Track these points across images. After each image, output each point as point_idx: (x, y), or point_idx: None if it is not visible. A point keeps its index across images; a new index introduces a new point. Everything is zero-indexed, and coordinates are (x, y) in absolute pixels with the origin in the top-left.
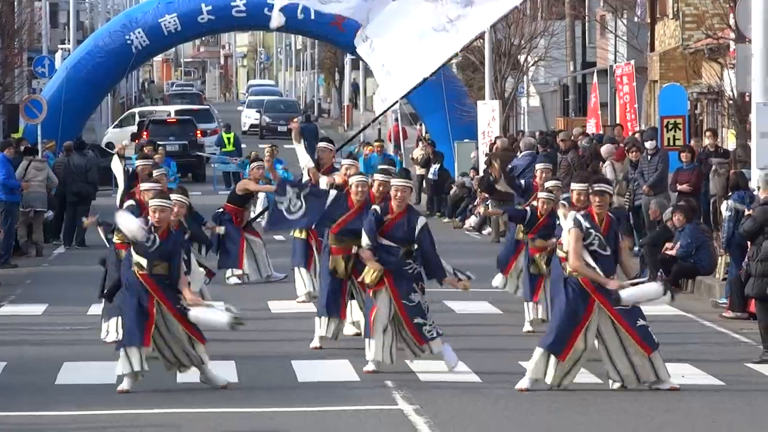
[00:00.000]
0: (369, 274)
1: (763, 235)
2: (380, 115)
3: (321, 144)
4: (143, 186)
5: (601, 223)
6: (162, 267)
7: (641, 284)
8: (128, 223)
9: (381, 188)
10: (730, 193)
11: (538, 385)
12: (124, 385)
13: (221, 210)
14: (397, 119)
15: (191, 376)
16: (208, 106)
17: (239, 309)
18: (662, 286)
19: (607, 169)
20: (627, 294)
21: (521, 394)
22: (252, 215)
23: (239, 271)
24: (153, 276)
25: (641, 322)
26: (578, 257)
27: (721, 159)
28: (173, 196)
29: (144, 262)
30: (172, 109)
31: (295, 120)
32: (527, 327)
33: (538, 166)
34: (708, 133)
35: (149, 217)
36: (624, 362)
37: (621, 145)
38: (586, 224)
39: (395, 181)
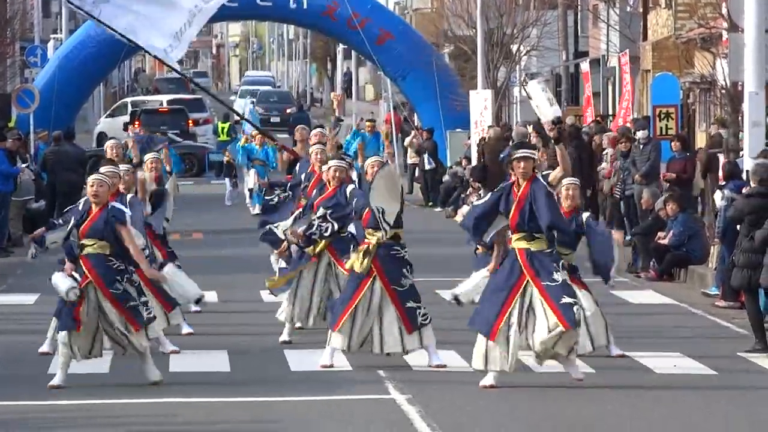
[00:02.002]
0: (358, 261)
1: (746, 226)
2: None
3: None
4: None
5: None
6: (97, 246)
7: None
8: (59, 284)
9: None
10: (723, 183)
11: (500, 377)
12: (56, 380)
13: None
14: (396, 107)
15: (184, 365)
16: (200, 96)
17: (232, 299)
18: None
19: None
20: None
21: (513, 384)
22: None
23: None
24: (87, 255)
25: (566, 299)
26: None
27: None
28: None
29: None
30: (164, 98)
31: (283, 155)
32: None
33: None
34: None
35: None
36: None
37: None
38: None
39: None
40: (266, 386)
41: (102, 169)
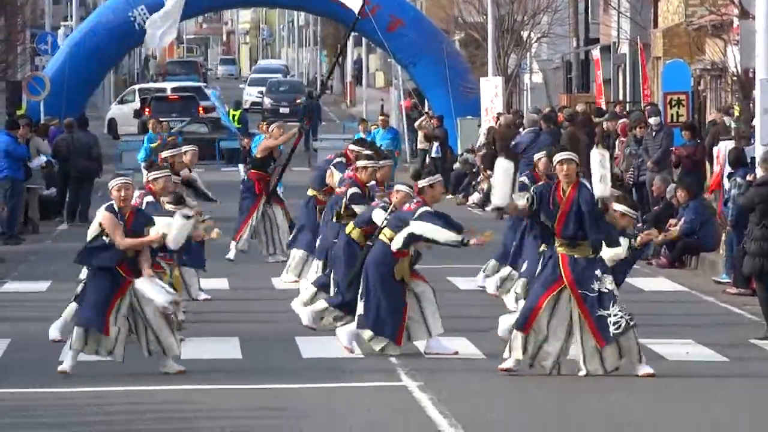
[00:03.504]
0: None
1: (758, 215)
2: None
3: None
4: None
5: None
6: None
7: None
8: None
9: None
10: (732, 170)
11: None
12: (65, 366)
13: (245, 178)
14: (410, 93)
15: (196, 352)
16: (202, 83)
17: (243, 286)
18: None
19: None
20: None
21: (525, 371)
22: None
23: (235, 243)
24: (130, 260)
25: (601, 312)
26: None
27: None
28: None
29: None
30: (168, 86)
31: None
32: None
33: (536, 155)
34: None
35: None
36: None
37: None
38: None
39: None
40: (278, 373)
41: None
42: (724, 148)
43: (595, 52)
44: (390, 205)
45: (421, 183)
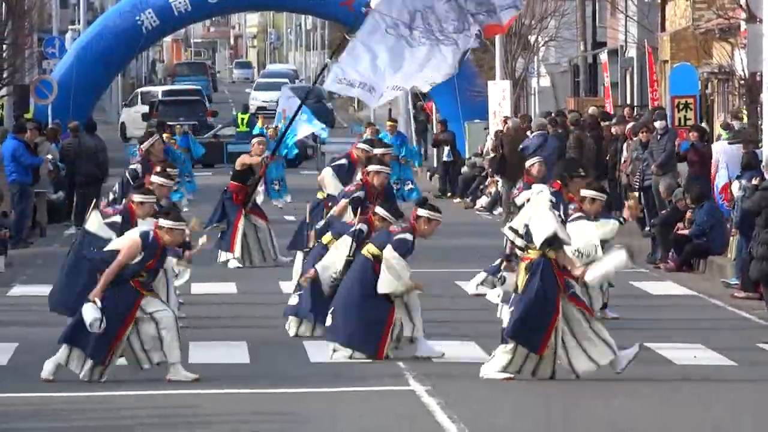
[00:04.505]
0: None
1: (764, 219)
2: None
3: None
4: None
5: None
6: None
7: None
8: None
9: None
10: (740, 173)
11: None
12: (48, 373)
13: (225, 189)
14: (422, 96)
15: (203, 356)
16: (199, 88)
17: (251, 290)
18: (622, 250)
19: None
20: (592, 274)
21: (534, 377)
22: (259, 197)
23: (231, 255)
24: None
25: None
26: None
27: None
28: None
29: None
30: (159, 90)
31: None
32: None
33: (528, 162)
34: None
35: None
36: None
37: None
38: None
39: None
40: (285, 378)
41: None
42: (719, 149)
43: (603, 56)
44: (363, 232)
45: (422, 212)
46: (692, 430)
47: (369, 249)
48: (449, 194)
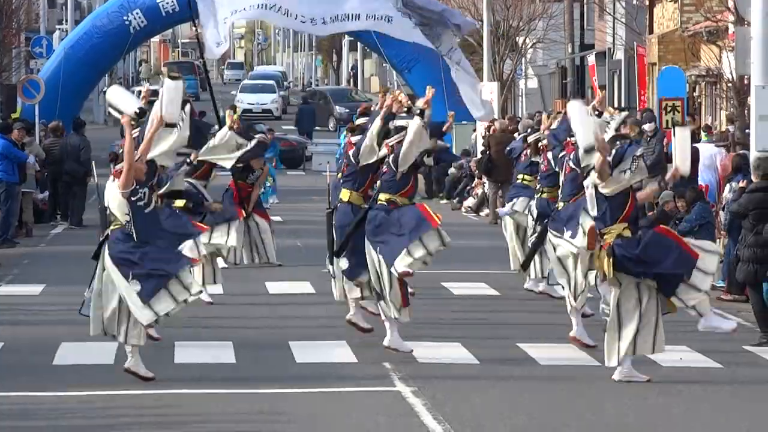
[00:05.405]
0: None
1: (751, 221)
2: None
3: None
4: None
5: None
6: None
7: None
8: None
9: None
10: (731, 175)
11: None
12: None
13: (227, 187)
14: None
15: (189, 356)
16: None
17: (238, 291)
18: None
19: None
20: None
21: (517, 376)
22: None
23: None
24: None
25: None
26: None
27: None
28: None
29: None
30: (136, 88)
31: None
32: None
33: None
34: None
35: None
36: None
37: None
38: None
39: None
40: (271, 378)
41: None
42: (705, 151)
43: (591, 58)
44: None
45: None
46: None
47: (382, 198)
48: (440, 194)
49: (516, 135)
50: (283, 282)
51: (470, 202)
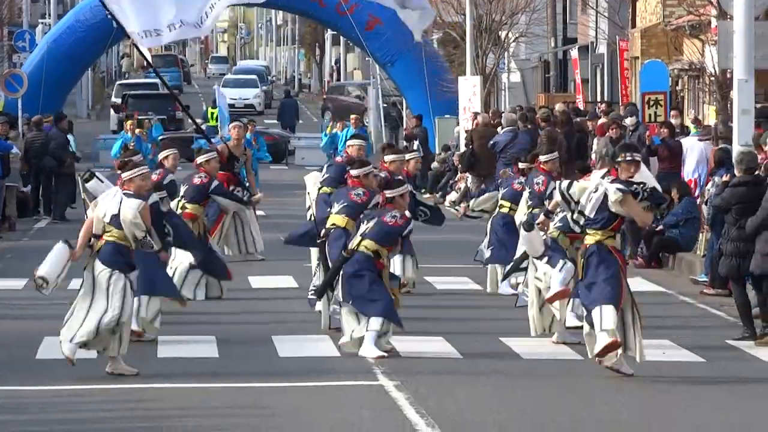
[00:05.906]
0: None
1: (734, 216)
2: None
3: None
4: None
5: None
6: None
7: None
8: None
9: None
10: (714, 169)
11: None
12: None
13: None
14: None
15: (172, 351)
16: (155, 81)
17: (222, 285)
18: None
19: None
20: None
21: (502, 370)
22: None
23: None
24: None
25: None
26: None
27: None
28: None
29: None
30: (116, 83)
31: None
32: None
33: (545, 157)
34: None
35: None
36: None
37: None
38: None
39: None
40: (254, 372)
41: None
42: (687, 145)
43: (573, 52)
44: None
45: (389, 194)
46: (667, 429)
47: (366, 245)
48: (422, 189)
49: (499, 129)
50: (266, 276)
51: (453, 196)
